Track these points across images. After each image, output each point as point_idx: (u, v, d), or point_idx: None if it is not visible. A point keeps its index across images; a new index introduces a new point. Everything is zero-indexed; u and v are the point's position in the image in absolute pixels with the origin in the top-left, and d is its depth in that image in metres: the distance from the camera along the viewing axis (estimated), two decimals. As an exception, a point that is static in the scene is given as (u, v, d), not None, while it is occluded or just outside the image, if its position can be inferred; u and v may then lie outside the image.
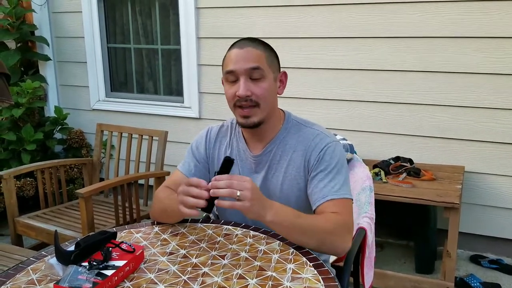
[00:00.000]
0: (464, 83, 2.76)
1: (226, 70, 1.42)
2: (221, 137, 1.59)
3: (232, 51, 1.43)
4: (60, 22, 3.94)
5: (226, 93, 1.45)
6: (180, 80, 3.61)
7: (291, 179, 1.47)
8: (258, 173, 1.50)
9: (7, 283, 1.18)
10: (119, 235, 1.43)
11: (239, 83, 1.40)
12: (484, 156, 2.81)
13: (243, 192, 1.20)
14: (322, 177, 1.41)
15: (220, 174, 1.26)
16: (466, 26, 2.69)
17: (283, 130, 1.50)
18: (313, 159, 1.43)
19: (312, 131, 1.48)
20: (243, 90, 1.38)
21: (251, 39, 1.46)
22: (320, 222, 1.32)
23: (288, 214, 1.29)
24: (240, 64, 1.39)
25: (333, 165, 1.41)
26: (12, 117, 3.48)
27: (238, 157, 1.53)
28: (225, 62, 1.45)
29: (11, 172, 2.66)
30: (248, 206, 1.21)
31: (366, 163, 1.92)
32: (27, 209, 2.89)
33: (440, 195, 2.39)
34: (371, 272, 1.75)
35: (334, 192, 1.38)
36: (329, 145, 1.44)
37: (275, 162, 1.48)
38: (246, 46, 1.41)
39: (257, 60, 1.40)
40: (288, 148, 1.48)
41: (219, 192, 1.20)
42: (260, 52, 1.42)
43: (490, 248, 2.94)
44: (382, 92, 2.96)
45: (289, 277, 1.18)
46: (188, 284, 1.16)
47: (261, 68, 1.40)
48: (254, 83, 1.40)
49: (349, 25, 2.95)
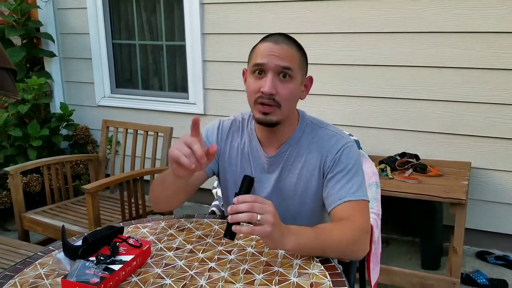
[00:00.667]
0: (471, 79, 2.75)
1: (256, 62, 1.33)
2: (233, 131, 1.52)
3: (265, 43, 1.35)
4: (65, 19, 3.94)
5: (249, 86, 1.36)
6: (185, 76, 3.61)
7: (305, 181, 1.42)
8: (271, 174, 1.46)
9: (15, 277, 1.19)
10: (126, 230, 1.44)
11: (266, 78, 1.32)
12: (491, 152, 2.79)
13: (264, 216, 1.12)
14: (339, 178, 1.36)
15: (241, 195, 1.16)
16: (474, 21, 2.67)
17: (298, 131, 1.44)
18: (329, 161, 1.38)
19: (327, 132, 1.43)
20: (269, 87, 1.30)
21: (287, 36, 1.38)
22: (338, 235, 1.25)
23: (307, 237, 1.22)
24: (272, 59, 1.31)
25: (350, 166, 1.37)
26: (18, 113, 3.50)
27: (251, 155, 1.48)
28: (254, 54, 1.36)
29: (17, 168, 2.68)
30: (268, 231, 1.12)
31: (372, 159, 1.91)
32: (34, 205, 2.90)
33: (447, 191, 2.38)
34: (377, 268, 1.74)
35: (352, 194, 1.34)
36: (345, 146, 1.39)
37: (289, 164, 1.44)
38: (282, 42, 1.34)
39: (290, 60, 1.32)
40: (302, 149, 1.43)
41: (239, 218, 1.12)
42: (295, 53, 1.35)
43: (496, 244, 2.93)
44: (389, 88, 2.95)
45: (295, 273, 1.18)
46: (194, 279, 1.16)
47: (292, 69, 1.32)
48: (281, 83, 1.32)
49: (356, 20, 2.94)
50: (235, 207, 1.13)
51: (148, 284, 1.14)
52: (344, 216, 1.32)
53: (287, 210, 1.42)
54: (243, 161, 1.49)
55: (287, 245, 1.18)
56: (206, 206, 3.64)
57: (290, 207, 1.44)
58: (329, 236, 1.25)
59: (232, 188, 1.49)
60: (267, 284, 1.13)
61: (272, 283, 1.13)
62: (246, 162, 1.48)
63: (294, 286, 1.12)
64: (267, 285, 1.13)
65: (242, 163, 1.49)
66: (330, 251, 1.25)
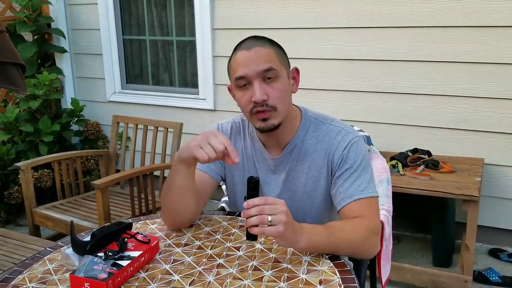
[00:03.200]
0: (484, 74, 2.70)
1: (236, 76, 1.30)
2: (235, 134, 1.49)
3: (239, 54, 1.31)
4: (76, 14, 3.96)
5: (240, 101, 1.33)
6: (195, 72, 3.60)
7: (314, 180, 1.40)
8: (278, 175, 1.44)
9: (24, 272, 1.19)
10: (135, 226, 1.43)
11: (253, 87, 1.28)
12: (504, 148, 2.75)
13: (276, 216, 1.11)
14: (347, 176, 1.34)
15: (250, 198, 1.14)
16: (486, 15, 2.62)
17: (302, 129, 1.41)
18: (336, 158, 1.36)
19: (332, 128, 1.40)
20: (260, 95, 1.27)
21: (256, 37, 1.34)
22: (350, 234, 1.24)
23: (320, 236, 1.20)
24: (251, 67, 1.28)
25: (359, 162, 1.34)
26: (30, 109, 3.52)
27: (255, 157, 1.46)
28: (232, 68, 1.33)
29: (28, 163, 2.69)
30: (281, 231, 1.10)
31: (383, 155, 1.89)
32: (45, 200, 2.92)
33: (459, 188, 2.35)
34: (388, 265, 1.73)
35: (361, 191, 1.32)
36: (352, 142, 1.36)
37: (296, 164, 1.41)
38: (253, 46, 1.30)
39: (268, 59, 1.29)
40: (308, 148, 1.40)
41: (250, 222, 1.11)
42: (270, 50, 1.31)
43: (509, 242, 2.89)
44: (400, 83, 2.92)
45: (304, 270, 1.17)
46: (203, 275, 1.15)
47: (274, 68, 1.29)
48: (269, 85, 1.29)
49: (366, 15, 2.90)
50: (247, 213, 1.13)
51: (156, 280, 1.14)
52: (354, 215, 1.30)
53: (296, 210, 1.39)
54: (248, 163, 1.47)
55: (300, 244, 1.17)
56: (216, 202, 3.63)
57: (300, 207, 1.42)
58: (341, 235, 1.24)
59: (241, 191, 1.48)
60: (276, 280, 1.12)
61: (280, 279, 1.12)
62: (251, 165, 1.46)
63: (303, 283, 1.11)
64: (276, 281, 1.12)
65: (248, 166, 1.47)
66: (342, 249, 1.24)
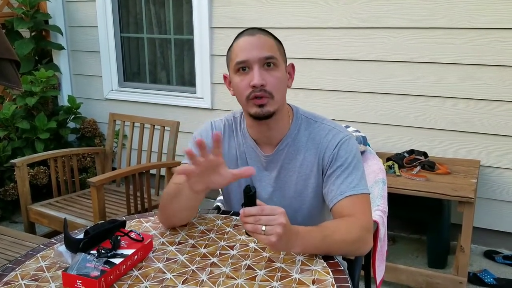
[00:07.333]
0: (481, 76, 2.70)
1: (238, 61, 1.32)
2: (228, 132, 1.49)
3: (242, 39, 1.35)
4: (74, 11, 3.95)
5: (238, 86, 1.34)
6: (192, 71, 3.59)
7: (305, 178, 1.41)
8: (270, 172, 1.44)
9: (16, 269, 1.19)
10: (129, 224, 1.43)
11: (252, 72, 1.30)
12: (501, 150, 2.75)
13: (271, 227, 1.10)
14: (339, 173, 1.35)
15: (247, 207, 1.13)
16: (484, 17, 2.62)
17: (294, 127, 1.42)
18: (327, 157, 1.37)
19: (323, 127, 1.41)
20: (258, 79, 1.28)
21: (258, 28, 1.38)
22: (343, 234, 1.24)
23: (315, 238, 1.21)
24: (254, 52, 1.30)
25: (350, 160, 1.35)
26: (26, 105, 3.51)
27: (247, 154, 1.46)
28: (233, 53, 1.35)
29: (24, 160, 2.69)
30: (274, 242, 1.10)
31: (379, 156, 1.89)
32: (40, 197, 2.92)
33: (455, 189, 2.35)
34: (382, 265, 1.73)
35: (352, 188, 1.32)
36: (343, 140, 1.38)
37: (288, 162, 1.42)
38: (257, 33, 1.34)
39: (270, 48, 1.32)
40: (300, 146, 1.41)
41: (245, 227, 1.13)
42: (273, 41, 1.35)
43: (504, 244, 2.89)
44: (397, 84, 2.92)
45: (298, 269, 1.17)
46: (196, 274, 1.15)
47: (275, 57, 1.32)
48: (268, 72, 1.31)
49: (364, 15, 2.90)
50: (243, 220, 1.13)
51: (149, 278, 1.14)
52: (346, 212, 1.31)
53: (287, 207, 1.39)
54: (241, 160, 1.47)
55: (294, 249, 1.20)
56: (212, 201, 3.63)
57: (290, 204, 1.42)
58: (336, 237, 1.24)
59: (236, 190, 1.49)
60: (269, 280, 1.12)
61: (273, 279, 1.12)
62: (244, 163, 1.46)
63: (296, 283, 1.11)
64: (269, 281, 1.11)
65: (241, 163, 1.46)
66: (336, 250, 1.25)
